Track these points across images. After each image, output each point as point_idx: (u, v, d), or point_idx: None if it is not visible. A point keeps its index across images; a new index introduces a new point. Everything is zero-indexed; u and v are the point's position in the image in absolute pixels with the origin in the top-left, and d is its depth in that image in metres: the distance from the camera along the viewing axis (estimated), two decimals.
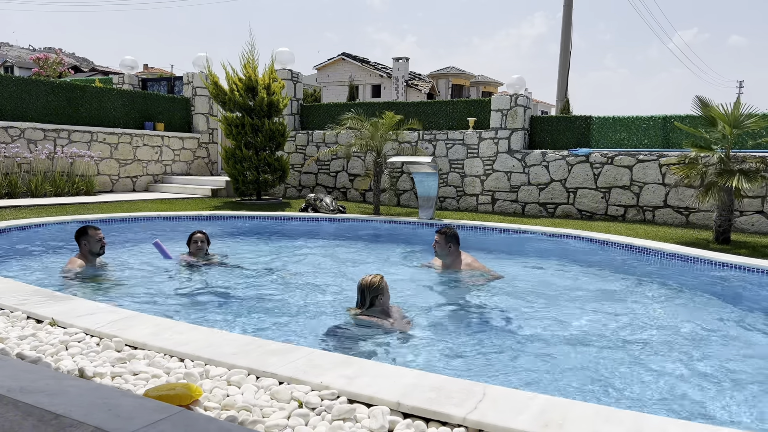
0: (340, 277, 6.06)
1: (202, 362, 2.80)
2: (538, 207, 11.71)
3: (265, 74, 12.27)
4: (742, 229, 9.73)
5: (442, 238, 5.80)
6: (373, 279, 4.12)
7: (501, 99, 12.13)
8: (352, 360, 2.84)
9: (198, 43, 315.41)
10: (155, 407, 2.07)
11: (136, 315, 3.55)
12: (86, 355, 2.90)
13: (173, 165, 14.64)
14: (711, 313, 5.11)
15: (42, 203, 10.05)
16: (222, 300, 5.10)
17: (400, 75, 35.12)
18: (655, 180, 10.62)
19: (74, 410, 1.97)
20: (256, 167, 12.04)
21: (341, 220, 9.82)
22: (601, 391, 3.31)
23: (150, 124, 14.18)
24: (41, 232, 7.42)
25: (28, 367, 2.62)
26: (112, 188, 13.23)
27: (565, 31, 19.29)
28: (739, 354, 4.08)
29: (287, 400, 2.42)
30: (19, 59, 39.24)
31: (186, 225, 8.98)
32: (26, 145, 11.55)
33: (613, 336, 4.35)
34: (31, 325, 3.34)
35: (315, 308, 4.89)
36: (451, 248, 5.81)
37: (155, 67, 41.41)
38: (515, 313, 4.85)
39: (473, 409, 2.27)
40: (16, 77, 12.17)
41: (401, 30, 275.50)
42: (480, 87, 41.24)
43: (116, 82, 16.39)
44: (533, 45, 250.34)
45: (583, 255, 7.62)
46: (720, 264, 6.42)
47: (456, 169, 12.56)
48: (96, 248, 5.62)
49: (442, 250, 5.83)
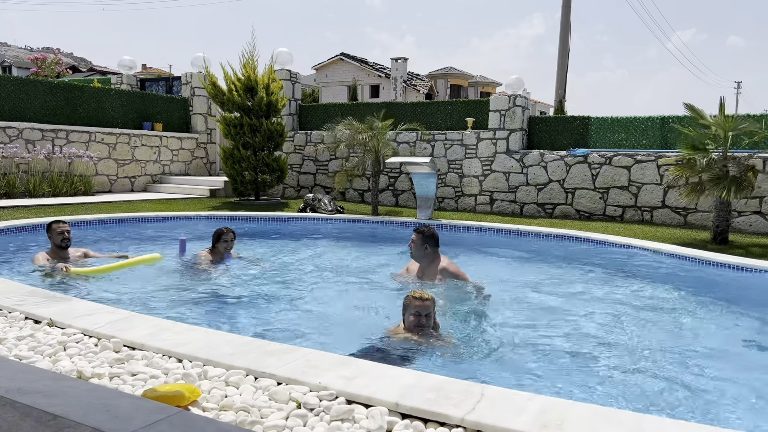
0: (338, 278, 6.05)
1: (201, 363, 2.80)
2: (536, 207, 11.71)
3: (264, 74, 12.27)
4: (740, 229, 9.74)
5: (419, 238, 5.29)
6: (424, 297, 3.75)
7: (499, 99, 12.13)
8: (350, 360, 2.84)
9: (196, 43, 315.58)
10: (153, 408, 2.07)
11: (135, 315, 3.55)
12: (84, 356, 2.90)
13: (171, 165, 14.63)
14: (709, 313, 5.12)
15: (40, 203, 10.03)
16: (221, 300, 5.09)
17: (398, 75, 35.14)
18: (654, 180, 10.63)
19: (72, 411, 1.97)
20: (255, 167, 12.03)
21: (339, 221, 9.82)
22: (600, 392, 3.31)
23: (148, 124, 14.17)
24: (39, 233, 7.41)
25: (26, 367, 2.61)
26: (111, 188, 13.22)
27: (564, 32, 19.31)
28: (738, 353, 4.09)
29: (285, 400, 2.42)
30: (17, 59, 39.19)
31: (185, 225, 8.98)
32: (24, 146, 11.53)
33: (611, 336, 4.35)
34: (29, 326, 3.33)
35: (314, 309, 4.89)
36: (428, 249, 5.29)
37: (153, 67, 41.41)
38: (513, 314, 4.85)
39: (471, 409, 2.27)
40: (14, 77, 12.15)
41: (400, 30, 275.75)
42: (478, 87, 41.29)
43: (114, 82, 16.37)
44: (532, 45, 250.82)
45: (581, 255, 7.63)
46: (717, 264, 6.43)
47: (454, 170, 12.56)
48: (57, 241, 5.70)
49: (417, 251, 5.32)
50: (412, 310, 3.71)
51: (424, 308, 3.70)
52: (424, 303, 3.72)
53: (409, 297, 3.78)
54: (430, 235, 5.30)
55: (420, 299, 3.72)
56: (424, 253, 5.30)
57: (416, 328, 3.70)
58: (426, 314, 3.70)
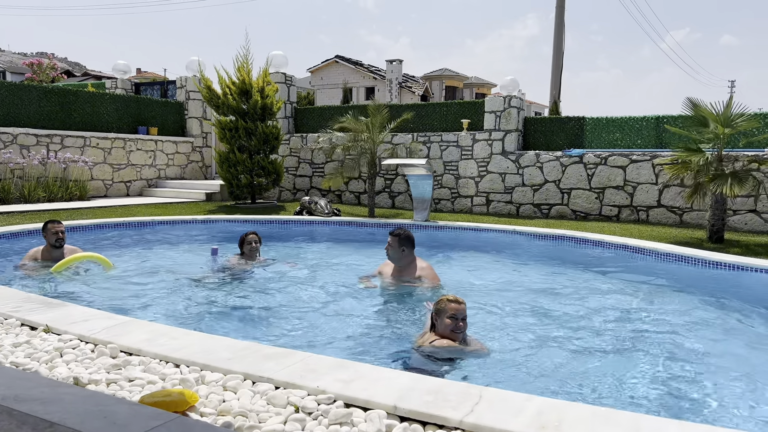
0: (335, 281, 6.05)
1: (198, 368, 2.79)
2: (532, 208, 11.73)
3: (259, 77, 12.26)
4: (735, 228, 9.77)
5: (395, 241, 5.35)
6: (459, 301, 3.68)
7: (494, 100, 12.16)
8: (348, 364, 2.83)
9: (191, 47, 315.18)
10: (151, 414, 2.06)
11: (131, 321, 3.54)
12: (81, 362, 2.89)
13: (167, 169, 14.60)
14: (706, 312, 5.13)
15: (35, 209, 9.99)
16: (221, 305, 5.09)
17: (393, 77, 35.15)
18: (649, 180, 10.66)
19: (69, 418, 1.96)
20: (250, 171, 12.02)
21: (336, 223, 9.82)
22: (598, 392, 3.31)
23: (143, 128, 14.14)
24: (34, 239, 7.38)
25: (22, 374, 2.60)
26: (106, 193, 13.18)
27: (558, 32, 19.36)
28: (736, 353, 4.10)
29: (283, 405, 2.42)
30: (11, 64, 39.01)
31: (181, 229, 8.96)
32: (19, 151, 11.50)
33: (609, 336, 4.36)
34: (26, 332, 3.32)
35: (312, 312, 4.88)
36: (404, 252, 5.37)
37: (148, 71, 41.26)
38: (510, 315, 4.85)
39: (470, 411, 2.27)
40: (9, 82, 12.11)
41: (395, 32, 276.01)
42: (473, 88, 41.32)
43: (109, 86, 16.33)
44: (526, 46, 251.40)
45: (578, 256, 7.64)
46: (713, 263, 6.45)
47: (450, 171, 12.58)
48: (52, 240, 5.98)
49: (395, 253, 5.39)
50: (448, 313, 3.61)
51: (461, 311, 3.62)
52: (461, 306, 3.64)
53: (444, 301, 3.67)
54: (406, 237, 5.39)
55: (456, 302, 3.64)
56: (402, 255, 5.40)
57: (454, 332, 3.61)
58: (462, 318, 3.63)
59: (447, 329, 3.61)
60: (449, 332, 3.60)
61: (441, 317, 3.65)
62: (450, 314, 3.60)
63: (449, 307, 3.61)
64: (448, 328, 3.60)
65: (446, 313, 3.62)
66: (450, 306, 3.62)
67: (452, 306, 3.61)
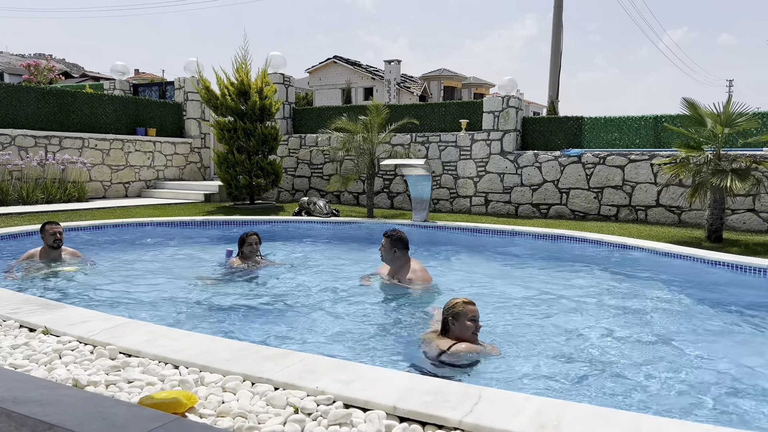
0: (334, 281, 6.04)
1: (197, 369, 2.79)
2: (531, 208, 11.74)
3: (257, 78, 12.25)
4: (733, 227, 9.79)
5: (388, 242, 5.38)
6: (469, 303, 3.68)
7: (493, 100, 12.16)
8: (347, 364, 2.83)
9: (189, 48, 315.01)
10: (150, 415, 2.06)
11: (130, 322, 3.53)
12: (80, 364, 2.89)
13: (166, 170, 14.59)
14: (706, 311, 5.14)
15: (33, 210, 9.98)
16: (220, 305, 5.08)
17: (392, 77, 35.17)
18: (647, 179, 10.67)
19: (68, 420, 1.95)
20: (249, 171, 12.01)
21: (335, 224, 9.82)
22: (597, 392, 3.31)
23: (142, 129, 14.12)
24: (33, 240, 7.37)
25: (21, 376, 2.60)
26: (105, 194, 13.17)
27: (556, 32, 19.38)
28: (735, 352, 4.10)
29: (283, 405, 2.41)
30: (8, 66, 38.94)
31: (179, 230, 8.96)
32: (17, 152, 11.48)
33: (607, 336, 4.36)
34: (24, 334, 3.31)
35: (311, 313, 4.88)
36: (396, 253, 5.39)
37: (146, 72, 41.21)
38: (509, 315, 4.85)
39: (469, 411, 2.27)
40: (7, 84, 12.10)
41: (393, 32, 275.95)
42: (472, 89, 41.36)
43: (107, 87, 16.31)
44: (524, 46, 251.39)
45: (576, 255, 7.64)
46: (712, 262, 6.46)
47: (449, 171, 12.58)
48: (50, 242, 6.03)
49: (387, 254, 5.42)
50: (468, 316, 3.62)
51: (477, 313, 3.66)
52: (476, 307, 3.68)
53: (461, 304, 3.67)
54: (398, 239, 5.40)
55: (472, 304, 3.67)
56: (394, 257, 5.42)
57: (475, 334, 3.64)
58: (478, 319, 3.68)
59: (468, 332, 3.63)
60: (470, 335, 3.63)
61: (460, 320, 3.65)
62: (470, 317, 3.63)
63: (468, 310, 3.64)
64: (470, 330, 3.63)
65: (466, 315, 3.63)
66: (468, 308, 3.65)
67: (471, 308, 3.65)
